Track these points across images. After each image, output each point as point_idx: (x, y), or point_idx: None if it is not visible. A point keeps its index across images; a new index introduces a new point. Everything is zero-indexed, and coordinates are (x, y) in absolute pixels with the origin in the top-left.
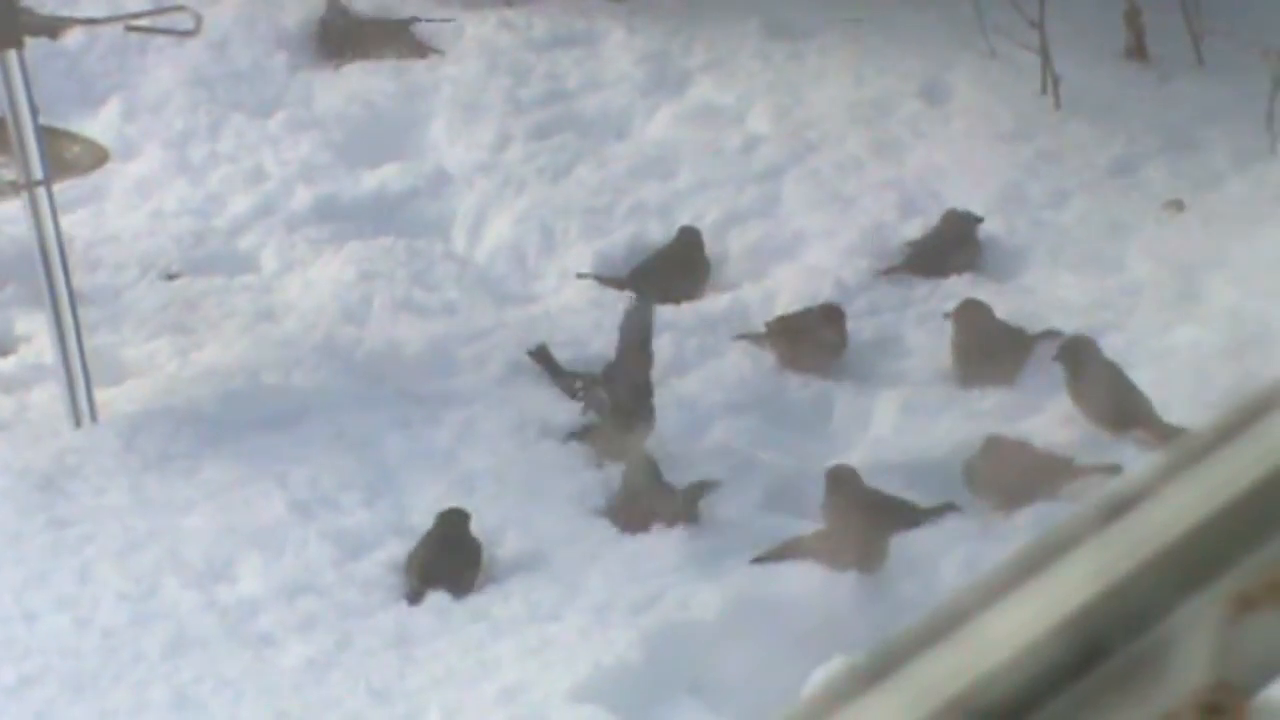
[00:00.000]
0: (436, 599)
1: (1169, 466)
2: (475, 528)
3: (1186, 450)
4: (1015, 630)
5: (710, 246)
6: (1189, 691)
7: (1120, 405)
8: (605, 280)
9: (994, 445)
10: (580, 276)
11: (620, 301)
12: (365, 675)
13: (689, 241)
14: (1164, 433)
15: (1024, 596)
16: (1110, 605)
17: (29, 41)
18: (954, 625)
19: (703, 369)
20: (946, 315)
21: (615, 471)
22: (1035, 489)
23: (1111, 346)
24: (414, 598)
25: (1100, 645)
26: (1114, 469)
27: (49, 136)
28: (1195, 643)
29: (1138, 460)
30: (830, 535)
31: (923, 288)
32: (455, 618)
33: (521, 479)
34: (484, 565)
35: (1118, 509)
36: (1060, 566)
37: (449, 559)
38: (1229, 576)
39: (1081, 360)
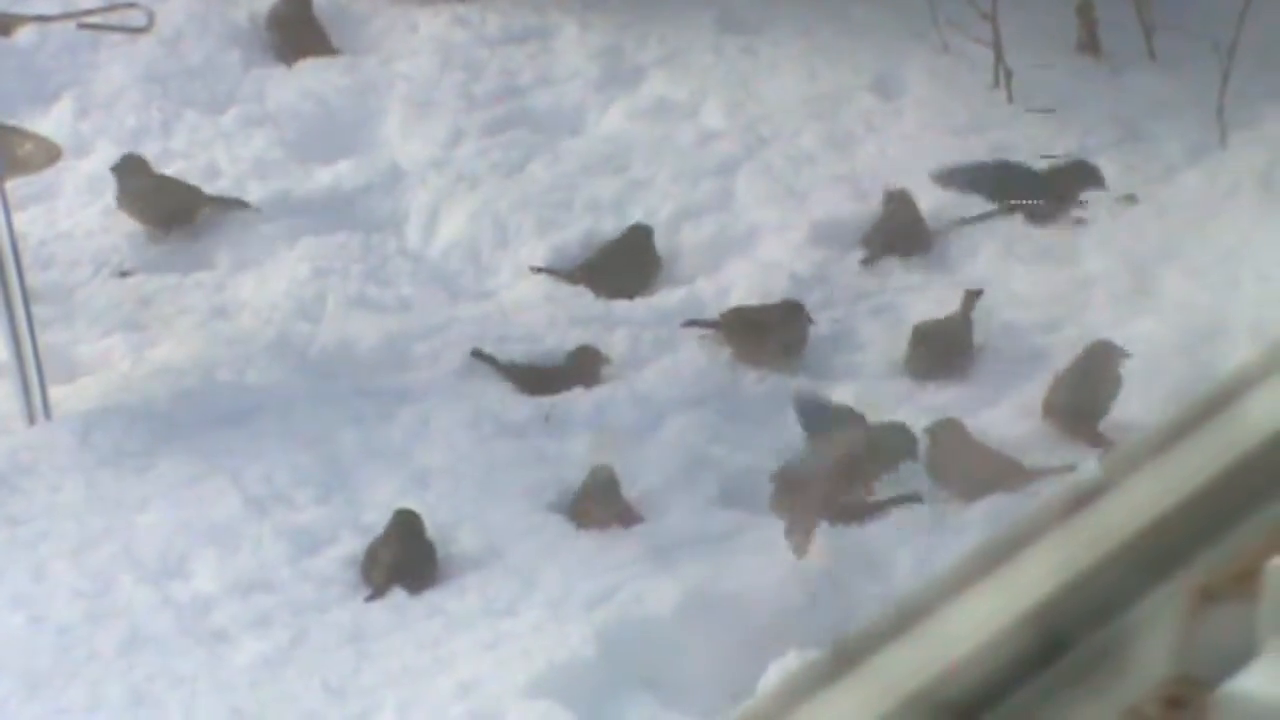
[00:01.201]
0: (392, 595)
1: (1130, 460)
2: (429, 524)
3: (1147, 444)
4: (977, 623)
5: (664, 241)
6: (1151, 684)
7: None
8: (558, 274)
9: (947, 428)
10: (535, 271)
11: (574, 296)
12: (320, 672)
13: (639, 237)
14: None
15: (986, 589)
16: (1072, 598)
17: None
18: (916, 619)
19: (657, 363)
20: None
21: (570, 467)
22: (991, 482)
23: (1065, 340)
24: (375, 596)
25: (1062, 638)
26: (1067, 468)
27: (1, 134)
28: (1157, 635)
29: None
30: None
31: (874, 280)
32: (410, 613)
33: (476, 474)
34: (439, 562)
35: (1079, 502)
36: (1022, 559)
37: (407, 557)
38: (1190, 569)
39: None
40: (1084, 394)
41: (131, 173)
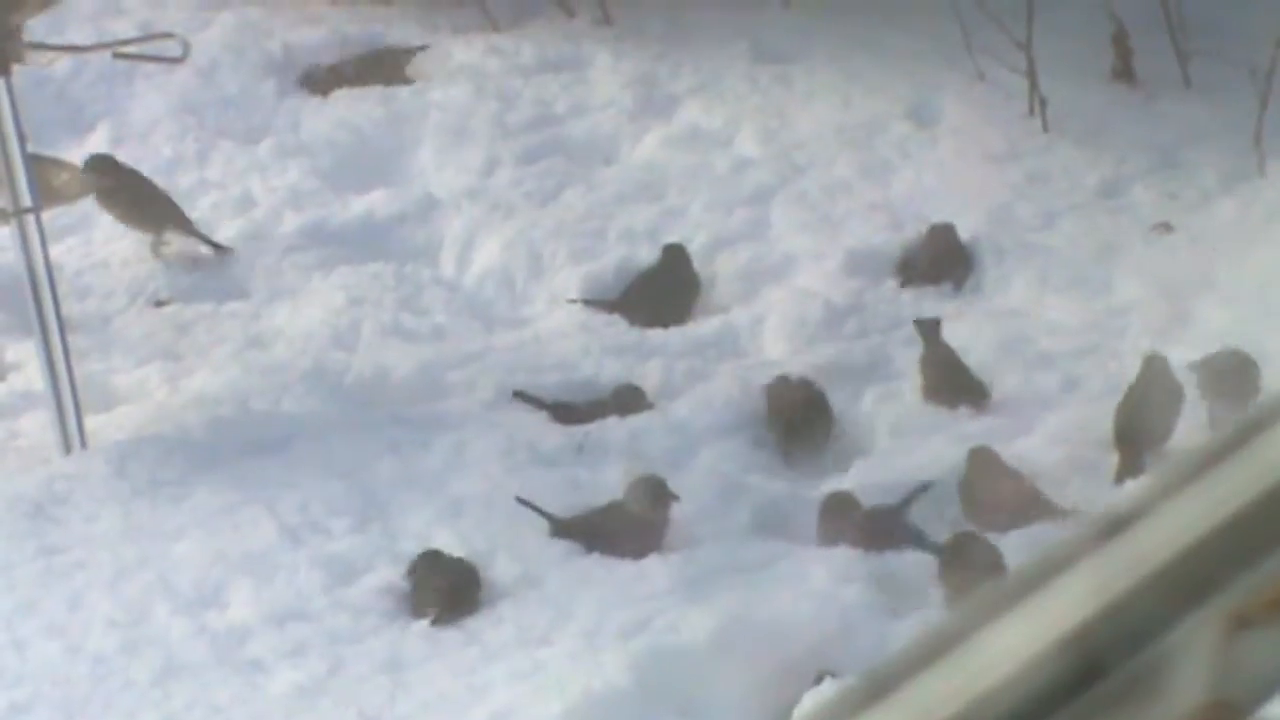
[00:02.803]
0: (427, 624)
1: (1166, 484)
2: (465, 552)
3: (1183, 468)
4: (1011, 649)
5: (699, 269)
6: (1186, 710)
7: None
8: (595, 304)
9: (980, 458)
10: (571, 302)
11: (608, 325)
12: (356, 701)
13: (675, 259)
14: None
15: (1020, 615)
16: (1107, 624)
17: (16, 69)
18: (950, 645)
19: (691, 393)
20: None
21: (604, 496)
22: (1022, 513)
23: (1100, 367)
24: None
25: (1097, 664)
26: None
27: (37, 164)
28: (1192, 661)
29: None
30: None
31: (911, 309)
32: (446, 642)
33: (511, 503)
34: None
35: (1115, 527)
36: (1057, 585)
37: (449, 585)
38: (1226, 594)
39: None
40: (1149, 414)
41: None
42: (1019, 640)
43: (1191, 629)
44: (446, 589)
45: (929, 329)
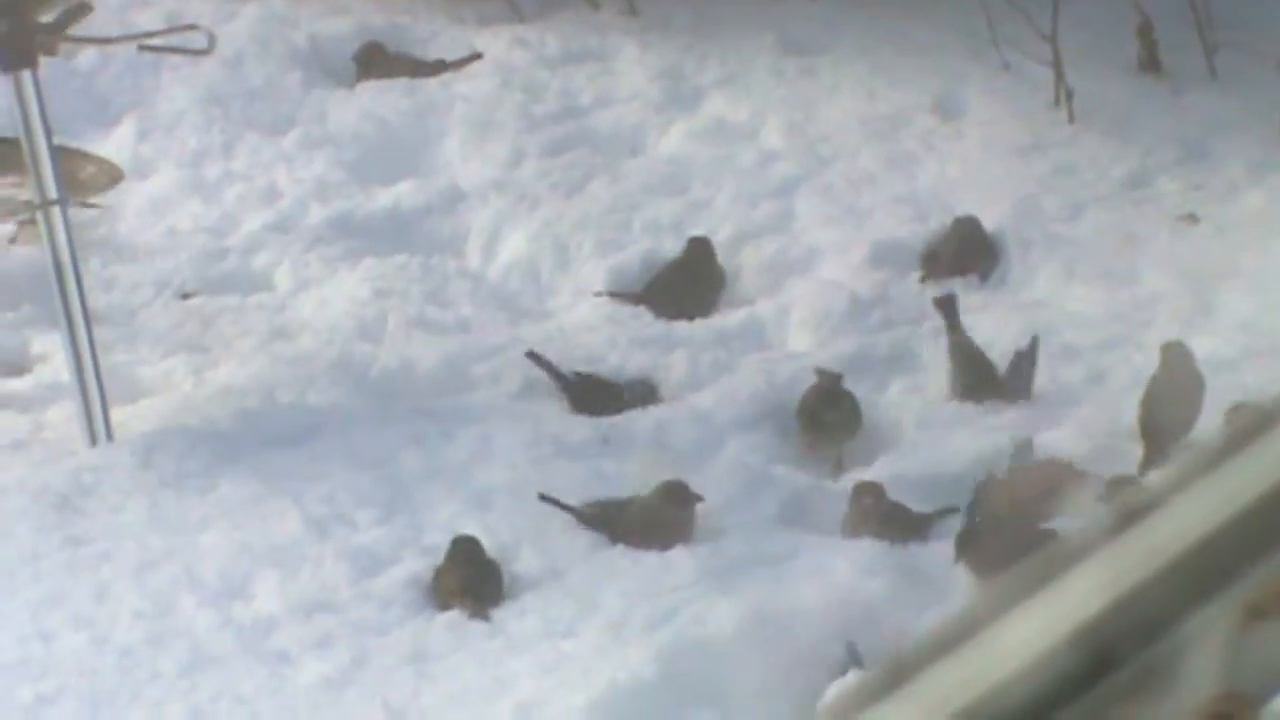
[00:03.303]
0: (452, 616)
1: (1179, 477)
2: (490, 545)
3: (1197, 461)
4: (1027, 640)
5: (724, 261)
6: (1199, 701)
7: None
8: (620, 296)
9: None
10: (597, 295)
11: (634, 317)
12: (382, 692)
13: (699, 251)
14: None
15: (1035, 607)
16: (1121, 615)
17: (42, 61)
18: (966, 636)
19: (716, 385)
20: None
21: (629, 488)
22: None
23: (1126, 359)
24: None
25: (1111, 655)
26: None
27: (63, 156)
28: (1205, 652)
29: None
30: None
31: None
32: (471, 634)
33: (536, 495)
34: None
35: (1128, 519)
36: (1071, 577)
37: (473, 578)
38: (1238, 586)
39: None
40: (1173, 404)
41: None
42: (1034, 631)
43: (1204, 621)
44: (470, 581)
45: (947, 307)
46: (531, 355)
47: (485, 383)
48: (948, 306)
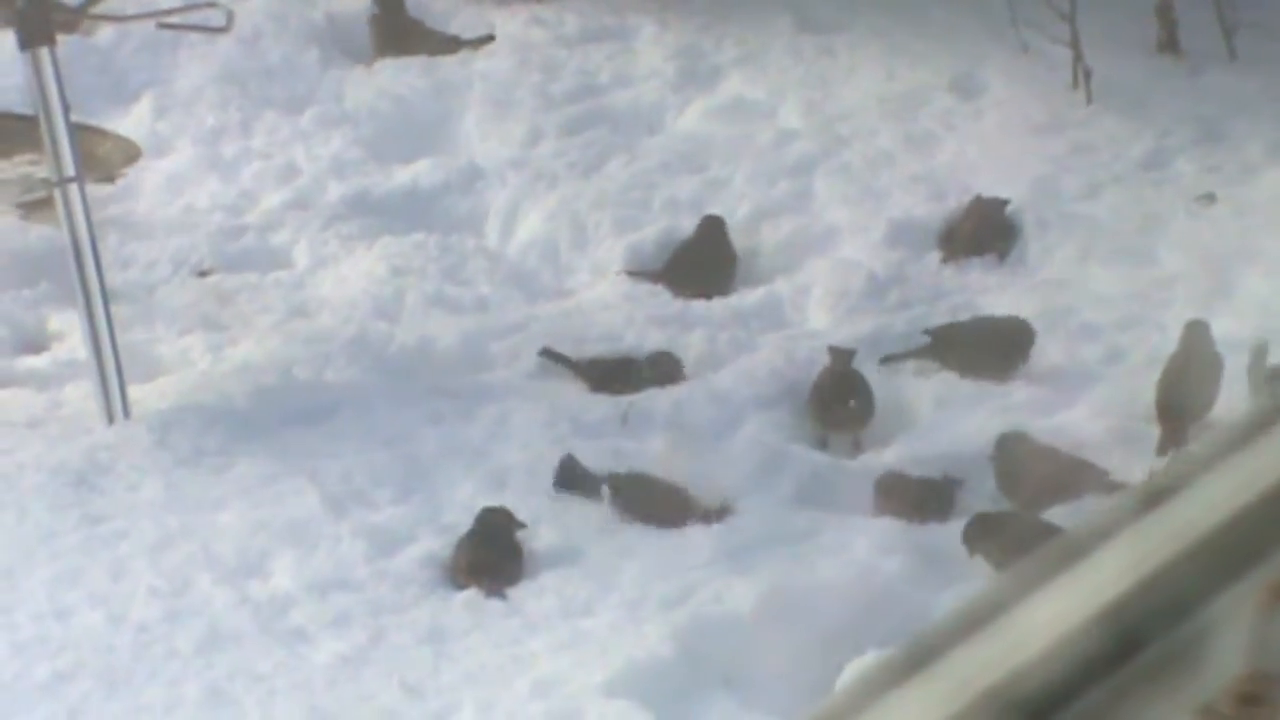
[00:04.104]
0: (469, 594)
1: (1204, 457)
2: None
3: (1221, 441)
4: (1051, 621)
5: (742, 240)
6: (1226, 681)
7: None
8: (639, 274)
9: (1010, 441)
10: (617, 273)
11: (652, 295)
12: (398, 671)
13: (711, 230)
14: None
15: (1060, 587)
16: (1147, 596)
17: (61, 38)
18: (990, 616)
19: (735, 363)
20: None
21: (647, 466)
22: (1058, 490)
23: (1143, 339)
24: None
25: (1137, 636)
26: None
27: (81, 134)
28: (1232, 633)
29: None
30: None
31: (953, 280)
32: (489, 613)
33: (554, 474)
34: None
35: (1153, 499)
36: (1096, 557)
37: (494, 555)
38: (1265, 566)
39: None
40: (1191, 384)
41: None
42: (1058, 612)
43: (1230, 601)
44: (488, 559)
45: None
46: (545, 353)
47: (503, 361)
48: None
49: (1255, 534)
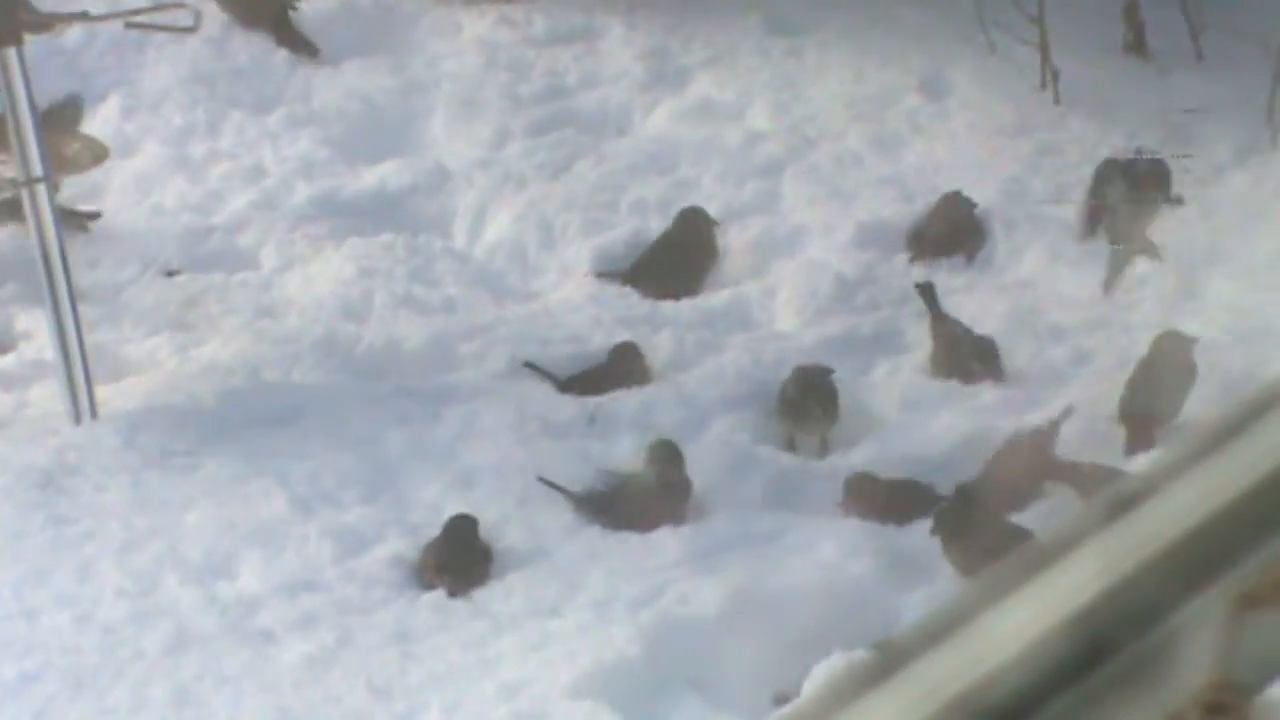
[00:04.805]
0: (437, 595)
1: (1173, 464)
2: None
3: (1190, 448)
4: (1020, 628)
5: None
6: (1193, 690)
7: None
8: (607, 275)
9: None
10: (585, 275)
11: (619, 297)
12: (366, 672)
13: (692, 223)
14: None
15: (1028, 594)
16: (1115, 603)
17: (28, 38)
18: (958, 623)
19: (702, 365)
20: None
21: (615, 467)
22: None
23: (1111, 341)
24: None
25: (1105, 643)
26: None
27: (48, 134)
28: (1200, 641)
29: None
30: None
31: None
32: (456, 614)
33: (522, 475)
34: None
35: (1121, 507)
36: (1065, 564)
37: (461, 556)
38: (1233, 575)
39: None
40: (1160, 390)
41: None
42: (1027, 619)
43: (1199, 609)
44: (454, 560)
45: (927, 293)
46: (529, 365)
47: (471, 362)
48: (928, 293)
49: (1223, 541)
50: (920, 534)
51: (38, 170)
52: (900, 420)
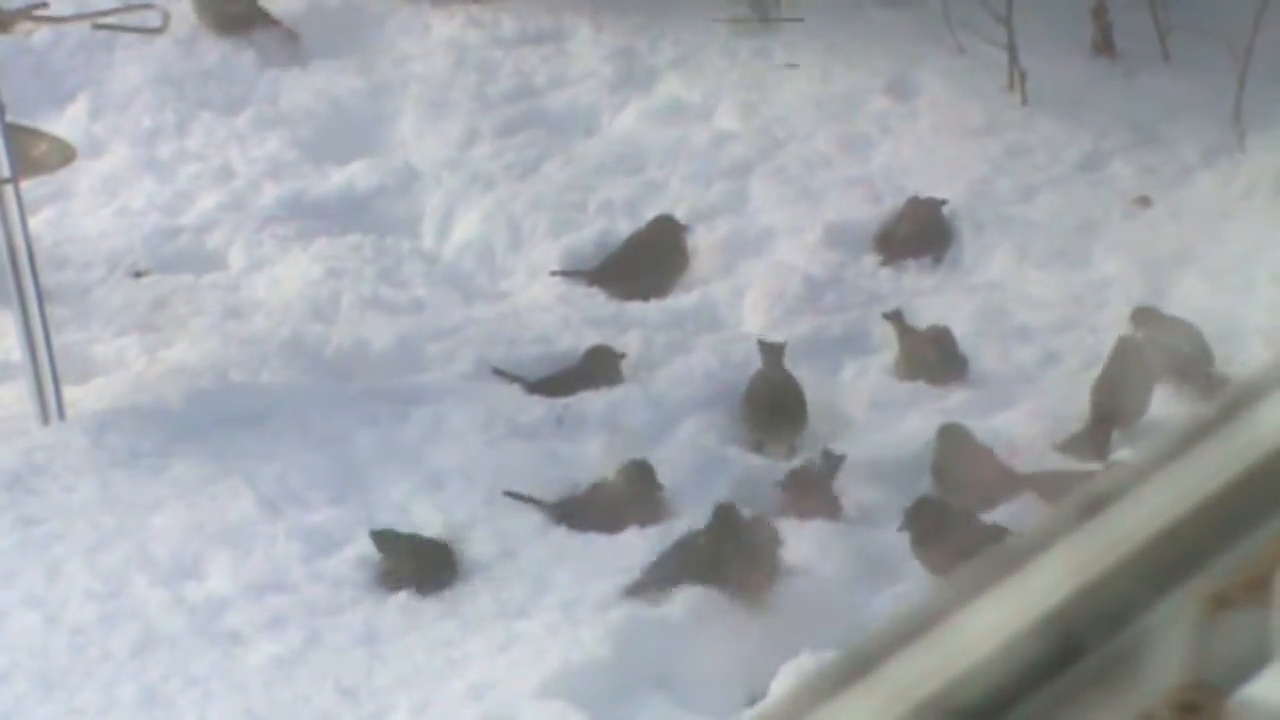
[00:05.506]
0: (405, 596)
1: (1144, 465)
2: (443, 525)
3: (1160, 449)
4: (992, 629)
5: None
6: (1165, 690)
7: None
8: (575, 276)
9: (949, 435)
10: (553, 274)
11: (587, 297)
12: (334, 673)
13: (664, 231)
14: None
15: (1000, 595)
16: (1086, 604)
17: None
18: (930, 624)
19: (671, 365)
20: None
21: (582, 469)
22: (997, 491)
23: (1079, 342)
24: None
25: (1076, 644)
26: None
27: (16, 135)
28: (1171, 641)
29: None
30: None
31: (890, 283)
32: (424, 615)
33: (489, 476)
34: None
35: (1093, 507)
36: (1036, 565)
37: (429, 557)
38: (1204, 575)
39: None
40: (1127, 391)
41: None
42: (999, 619)
43: (1170, 609)
44: (418, 567)
45: (896, 320)
46: (497, 371)
47: (439, 363)
48: (897, 319)
49: (1194, 542)
50: (890, 535)
51: (4, 171)
52: (868, 420)
